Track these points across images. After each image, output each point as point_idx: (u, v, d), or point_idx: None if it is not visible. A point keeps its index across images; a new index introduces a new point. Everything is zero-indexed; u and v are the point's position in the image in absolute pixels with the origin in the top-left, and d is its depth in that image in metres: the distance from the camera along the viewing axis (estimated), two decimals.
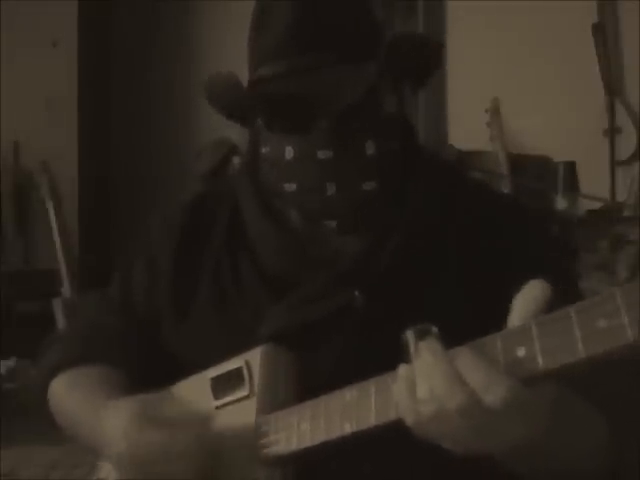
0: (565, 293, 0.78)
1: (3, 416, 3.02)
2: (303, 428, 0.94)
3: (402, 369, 0.83)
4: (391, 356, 0.84)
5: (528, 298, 0.77)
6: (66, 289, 3.24)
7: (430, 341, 0.81)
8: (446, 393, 0.77)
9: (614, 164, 3.53)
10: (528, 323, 0.75)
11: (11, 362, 3.63)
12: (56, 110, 4.27)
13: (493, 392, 0.75)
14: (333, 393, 0.92)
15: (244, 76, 1.10)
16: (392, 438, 0.87)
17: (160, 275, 1.19)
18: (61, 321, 2.52)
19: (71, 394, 1.16)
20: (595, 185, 3.32)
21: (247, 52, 1.10)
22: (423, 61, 1.09)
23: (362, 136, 1.05)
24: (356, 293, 1.05)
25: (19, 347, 3.47)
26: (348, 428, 0.89)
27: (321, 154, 1.04)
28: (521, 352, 0.75)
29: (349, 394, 0.90)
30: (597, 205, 3.20)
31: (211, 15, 4.50)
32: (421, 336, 0.83)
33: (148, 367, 1.16)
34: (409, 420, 0.81)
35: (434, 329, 0.83)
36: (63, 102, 4.31)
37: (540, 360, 0.73)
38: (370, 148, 1.05)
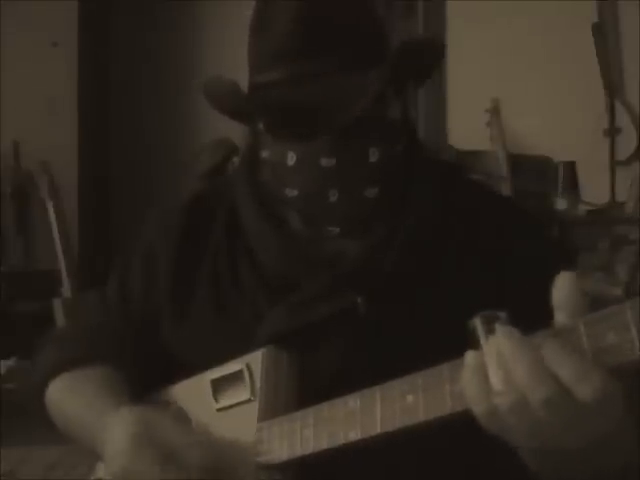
0: None
1: (3, 416, 3.02)
2: (306, 435, 0.92)
3: (471, 357, 0.76)
4: (392, 359, 0.83)
5: (567, 293, 0.73)
6: (66, 289, 3.23)
7: (506, 327, 0.75)
8: (531, 383, 0.71)
9: (614, 164, 3.53)
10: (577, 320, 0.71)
11: (11, 362, 3.63)
12: (56, 110, 4.27)
13: (586, 383, 0.70)
14: (336, 400, 0.91)
15: (243, 77, 1.09)
16: (394, 445, 0.86)
17: (159, 275, 1.18)
18: (61, 321, 2.51)
19: (71, 398, 1.14)
20: (595, 185, 3.32)
21: (247, 55, 1.08)
22: (429, 65, 1.09)
23: (366, 143, 1.03)
24: (359, 300, 1.04)
25: (19, 347, 3.47)
26: (353, 436, 0.87)
27: (324, 161, 1.02)
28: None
29: (352, 401, 0.89)
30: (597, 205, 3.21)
31: (211, 15, 4.50)
32: (489, 322, 0.76)
33: (147, 367, 1.16)
34: (479, 411, 0.75)
35: (503, 315, 0.77)
36: (63, 102, 4.31)
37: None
38: (374, 155, 1.04)
